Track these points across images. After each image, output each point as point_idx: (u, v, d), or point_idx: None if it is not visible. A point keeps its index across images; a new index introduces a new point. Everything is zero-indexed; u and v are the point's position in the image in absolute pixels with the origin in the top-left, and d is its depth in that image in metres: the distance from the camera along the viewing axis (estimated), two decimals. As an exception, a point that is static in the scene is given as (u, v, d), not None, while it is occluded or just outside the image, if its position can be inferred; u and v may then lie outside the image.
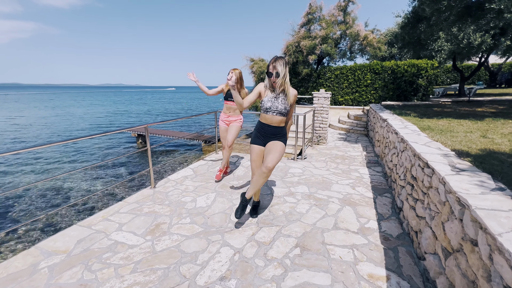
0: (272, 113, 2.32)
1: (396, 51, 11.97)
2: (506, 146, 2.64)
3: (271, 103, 2.30)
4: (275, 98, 2.31)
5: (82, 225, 2.53)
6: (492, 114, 5.14)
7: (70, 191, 8.04)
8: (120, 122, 25.38)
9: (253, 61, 11.21)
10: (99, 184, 8.74)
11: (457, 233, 1.46)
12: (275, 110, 2.31)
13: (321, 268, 1.93)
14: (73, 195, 7.83)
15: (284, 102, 2.30)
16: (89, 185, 8.56)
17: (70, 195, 7.79)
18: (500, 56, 13.83)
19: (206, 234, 2.38)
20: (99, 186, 8.51)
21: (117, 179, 9.33)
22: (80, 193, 7.94)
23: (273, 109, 2.30)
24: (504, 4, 3.59)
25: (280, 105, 2.29)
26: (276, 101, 2.30)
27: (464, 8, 4.44)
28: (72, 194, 7.86)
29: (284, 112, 2.32)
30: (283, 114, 2.33)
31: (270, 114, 2.34)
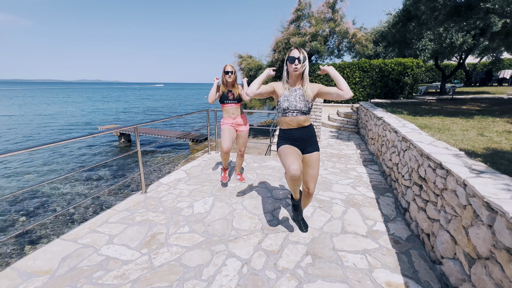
0: (291, 113, 2.03)
1: (381, 49, 12.22)
2: (506, 144, 2.67)
3: (288, 102, 2.02)
4: (292, 95, 2.02)
5: (66, 238, 2.26)
6: (478, 112, 5.31)
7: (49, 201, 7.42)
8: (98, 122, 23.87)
9: (242, 58, 10.98)
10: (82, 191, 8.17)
11: (486, 239, 1.39)
12: (293, 109, 2.01)
13: (337, 277, 1.81)
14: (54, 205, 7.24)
15: (303, 98, 2.00)
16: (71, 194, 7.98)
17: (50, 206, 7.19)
18: (476, 56, 14.56)
19: (208, 244, 2.19)
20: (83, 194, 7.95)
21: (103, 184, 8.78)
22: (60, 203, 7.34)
23: (291, 108, 2.01)
24: (498, 3, 3.67)
25: (299, 103, 2.00)
26: (293, 99, 2.01)
27: (453, 7, 4.53)
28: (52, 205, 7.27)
29: (305, 110, 2.02)
30: (305, 113, 2.04)
31: (289, 116, 2.04)
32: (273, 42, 9.79)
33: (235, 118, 3.26)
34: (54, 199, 7.51)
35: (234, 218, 2.62)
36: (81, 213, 6.64)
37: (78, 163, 10.95)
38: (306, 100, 2.02)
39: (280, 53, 9.53)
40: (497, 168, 1.87)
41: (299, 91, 2.04)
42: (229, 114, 3.25)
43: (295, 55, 1.95)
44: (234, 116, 3.26)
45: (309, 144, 2.13)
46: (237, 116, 3.27)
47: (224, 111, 3.27)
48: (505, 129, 3.44)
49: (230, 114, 3.25)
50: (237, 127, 3.30)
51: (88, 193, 7.97)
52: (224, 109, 3.25)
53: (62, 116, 27.68)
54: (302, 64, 1.97)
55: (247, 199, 3.05)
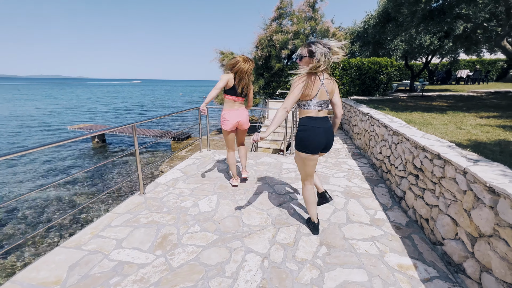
0: (316, 108, 2.02)
1: (356, 48, 12.86)
2: (483, 136, 3.00)
3: (310, 97, 1.99)
4: (313, 90, 1.98)
5: (68, 246, 2.10)
6: (448, 107, 5.86)
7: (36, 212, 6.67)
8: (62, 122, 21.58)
9: (223, 54, 10.83)
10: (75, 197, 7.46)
11: (489, 219, 1.58)
12: (317, 103, 2.01)
13: (354, 264, 1.93)
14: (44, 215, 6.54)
15: (323, 92, 2.00)
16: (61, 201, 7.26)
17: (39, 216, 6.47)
18: (438, 57, 15.92)
19: (223, 242, 2.19)
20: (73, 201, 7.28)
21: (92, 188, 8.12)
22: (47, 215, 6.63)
23: (315, 102, 2.00)
24: (472, 10, 4.10)
25: (324, 96, 2.01)
26: (320, 93, 1.99)
27: (429, 11, 4.94)
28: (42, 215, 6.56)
29: (328, 103, 2.08)
30: (328, 105, 2.09)
31: (313, 109, 2.03)
32: (256, 39, 9.81)
33: (238, 110, 3.09)
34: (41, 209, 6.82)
35: (243, 215, 2.63)
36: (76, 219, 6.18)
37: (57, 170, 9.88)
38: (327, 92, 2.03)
39: (263, 50, 9.60)
40: (485, 157, 2.11)
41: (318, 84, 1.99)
42: (232, 106, 3.08)
43: (302, 52, 1.98)
44: (237, 108, 3.10)
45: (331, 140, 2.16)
46: (240, 107, 3.12)
47: (228, 103, 3.10)
48: (476, 123, 3.85)
49: (233, 106, 3.08)
50: (239, 121, 3.12)
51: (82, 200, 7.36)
52: (227, 100, 3.09)
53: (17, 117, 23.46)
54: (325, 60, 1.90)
55: (251, 196, 3.07)
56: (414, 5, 4.56)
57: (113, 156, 11.70)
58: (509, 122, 3.85)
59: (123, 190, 7.96)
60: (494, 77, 19.47)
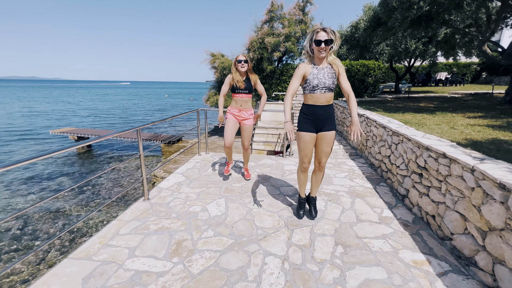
0: (320, 90, 2.11)
1: (343, 51, 13.24)
2: (476, 135, 3.19)
3: (318, 80, 2.10)
4: (320, 73, 2.10)
5: (77, 257, 2.00)
6: (435, 108, 6.16)
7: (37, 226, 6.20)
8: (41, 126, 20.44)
9: (214, 56, 10.77)
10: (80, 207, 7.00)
11: (500, 214, 1.68)
12: (322, 86, 2.10)
13: (371, 262, 1.98)
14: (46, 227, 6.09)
15: (331, 76, 2.11)
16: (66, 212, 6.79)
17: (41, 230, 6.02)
18: (419, 60, 16.71)
19: (240, 246, 2.17)
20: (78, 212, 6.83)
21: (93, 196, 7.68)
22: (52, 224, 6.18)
23: (321, 85, 2.10)
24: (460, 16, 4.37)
25: (328, 80, 2.10)
26: (322, 76, 2.10)
27: (417, 17, 5.20)
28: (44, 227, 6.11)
29: (332, 87, 2.13)
30: (332, 90, 2.15)
31: (318, 93, 2.12)
32: (248, 42, 9.84)
33: (241, 110, 3.22)
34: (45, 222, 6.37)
35: (254, 218, 2.62)
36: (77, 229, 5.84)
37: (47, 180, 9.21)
38: (334, 77, 2.14)
39: (255, 53, 9.64)
40: (486, 155, 2.24)
41: (327, 69, 2.13)
42: (237, 104, 3.21)
43: (322, 37, 2.00)
44: (241, 109, 3.21)
45: (328, 123, 2.27)
46: (244, 109, 3.22)
47: (234, 100, 3.23)
48: (466, 122, 4.09)
49: (238, 105, 3.21)
50: (241, 120, 3.27)
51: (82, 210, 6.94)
52: (234, 98, 3.20)
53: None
54: (329, 46, 2.03)
55: (258, 198, 3.07)
56: (406, 11, 4.79)
57: (105, 162, 11.26)
58: (495, 122, 4.11)
59: (124, 196, 7.66)
60: (469, 79, 20.70)
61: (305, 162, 2.38)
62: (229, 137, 3.22)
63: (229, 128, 3.23)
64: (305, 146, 2.30)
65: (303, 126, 2.28)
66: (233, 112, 3.24)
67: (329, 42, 2.02)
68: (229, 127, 3.23)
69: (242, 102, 3.19)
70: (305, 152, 2.33)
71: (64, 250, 5.07)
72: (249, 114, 3.29)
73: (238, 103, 3.20)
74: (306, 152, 2.32)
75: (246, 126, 3.29)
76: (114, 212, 6.65)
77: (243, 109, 3.22)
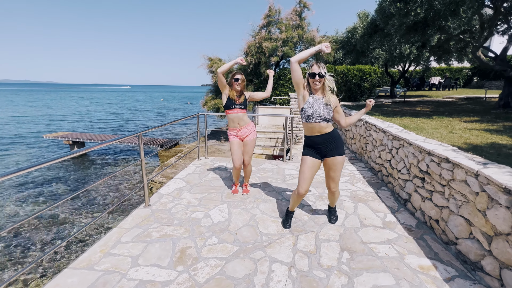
0: (314, 120, 2.19)
1: (339, 56, 13.42)
2: (475, 139, 3.24)
3: (312, 110, 2.18)
4: (316, 103, 2.20)
5: (79, 267, 1.94)
6: (432, 112, 6.26)
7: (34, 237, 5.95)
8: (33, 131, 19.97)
9: (212, 60, 10.78)
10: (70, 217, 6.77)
11: (506, 219, 1.69)
12: (317, 116, 2.18)
13: (378, 268, 1.97)
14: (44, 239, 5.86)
15: (325, 107, 2.19)
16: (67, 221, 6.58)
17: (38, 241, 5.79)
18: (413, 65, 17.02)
19: (245, 253, 2.14)
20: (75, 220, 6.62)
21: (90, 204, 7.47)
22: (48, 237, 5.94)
23: (316, 115, 2.18)
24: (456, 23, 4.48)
25: (323, 111, 2.18)
26: (317, 106, 2.18)
27: (413, 23, 5.31)
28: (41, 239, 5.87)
29: (328, 118, 2.20)
30: (327, 121, 2.21)
31: (312, 122, 2.21)
32: (245, 46, 9.89)
33: (240, 129, 3.07)
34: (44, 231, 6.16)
35: (258, 224, 2.59)
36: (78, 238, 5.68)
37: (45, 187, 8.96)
38: (329, 109, 2.21)
39: (252, 57, 9.69)
40: (488, 159, 2.27)
41: (322, 100, 2.23)
42: (234, 124, 3.05)
43: (315, 71, 2.16)
44: (240, 127, 3.06)
45: (331, 148, 2.29)
46: (242, 126, 3.07)
47: (229, 119, 3.06)
48: (464, 127, 4.15)
49: (236, 124, 3.05)
50: (244, 137, 3.12)
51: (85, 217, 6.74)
52: (229, 117, 3.04)
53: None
54: (323, 78, 2.18)
55: (261, 204, 3.05)
56: (403, 17, 4.89)
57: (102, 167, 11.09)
58: (491, 126, 4.18)
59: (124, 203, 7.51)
60: (461, 83, 21.14)
61: (302, 187, 2.29)
62: (237, 158, 3.07)
63: (235, 149, 3.08)
64: (306, 170, 2.29)
65: (306, 151, 2.35)
66: (233, 133, 3.10)
67: (323, 75, 2.14)
68: (235, 148, 3.08)
69: (238, 119, 3.04)
70: (304, 176, 2.29)
71: (64, 260, 4.94)
72: (250, 129, 3.13)
73: (235, 122, 3.04)
74: (305, 176, 2.29)
75: (247, 140, 3.12)
76: (114, 220, 6.52)
77: (242, 126, 3.08)
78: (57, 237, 5.97)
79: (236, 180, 3.32)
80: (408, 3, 4.98)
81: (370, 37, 7.67)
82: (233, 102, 3.00)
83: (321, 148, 2.28)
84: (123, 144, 12.45)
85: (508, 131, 3.74)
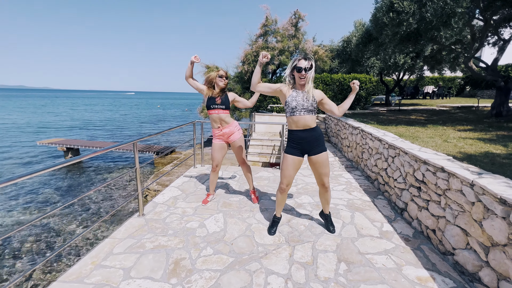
0: (298, 112, 2.18)
1: (335, 65, 13.64)
2: (469, 148, 3.27)
3: (296, 102, 2.17)
4: (299, 95, 2.19)
5: (68, 280, 1.88)
6: (426, 121, 6.34)
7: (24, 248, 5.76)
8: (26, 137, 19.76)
9: (209, 68, 10.87)
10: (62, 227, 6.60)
11: (502, 230, 1.69)
12: (301, 108, 2.17)
13: (376, 280, 1.94)
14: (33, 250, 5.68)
15: (309, 99, 2.17)
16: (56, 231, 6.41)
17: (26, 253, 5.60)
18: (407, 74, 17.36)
19: (241, 264, 2.09)
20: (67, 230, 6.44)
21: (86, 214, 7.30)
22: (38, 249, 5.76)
23: (299, 107, 2.17)
24: (449, 33, 4.61)
25: (306, 102, 2.17)
26: (301, 99, 2.17)
27: (407, 33, 5.44)
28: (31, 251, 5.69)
29: (311, 109, 2.19)
30: (311, 112, 2.20)
31: (297, 115, 2.19)
32: (242, 54, 10.01)
33: (222, 129, 2.99)
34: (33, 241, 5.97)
35: (254, 234, 2.55)
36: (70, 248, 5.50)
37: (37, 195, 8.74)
38: (313, 100, 2.20)
39: (249, 65, 9.80)
40: (483, 169, 2.29)
41: (305, 93, 2.22)
42: (216, 123, 2.98)
43: (302, 65, 2.13)
44: (221, 127, 2.99)
45: (316, 145, 2.31)
46: (224, 126, 2.99)
47: (211, 119, 2.98)
48: (458, 135, 4.20)
49: (217, 123, 2.97)
50: (227, 138, 3.06)
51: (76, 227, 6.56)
52: (211, 117, 2.96)
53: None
54: (309, 72, 2.15)
55: (257, 213, 3.01)
56: (396, 27, 5.01)
57: (95, 174, 10.93)
58: (485, 135, 4.24)
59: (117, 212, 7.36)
60: (454, 92, 21.57)
61: (284, 183, 2.38)
62: (215, 157, 3.04)
63: (215, 150, 3.06)
64: (287, 167, 2.33)
65: (288, 149, 2.35)
66: (216, 134, 3.03)
67: (309, 69, 2.13)
68: (215, 149, 3.06)
69: (220, 120, 2.96)
70: (285, 173, 2.34)
71: (54, 273, 4.79)
72: (233, 129, 3.04)
73: (217, 122, 2.97)
74: (286, 173, 2.34)
75: (234, 141, 3.05)
76: (107, 229, 6.37)
77: (223, 126, 3.00)
78: (48, 248, 5.81)
79: (211, 188, 3.25)
80: (400, 13, 5.12)
81: (365, 46, 7.84)
82: (214, 101, 2.92)
83: (303, 144, 2.28)
84: (118, 151, 12.33)
85: (501, 140, 3.79)
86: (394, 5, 5.00)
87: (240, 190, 3.70)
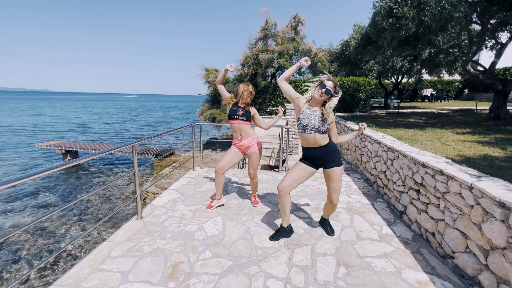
0: (309, 131, 2.21)
1: (334, 68, 13.71)
2: (468, 151, 3.27)
3: (308, 120, 2.20)
4: (312, 114, 2.21)
5: (65, 284, 1.86)
6: (425, 124, 6.36)
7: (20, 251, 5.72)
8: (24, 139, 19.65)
9: (208, 71, 10.90)
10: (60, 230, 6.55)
11: (501, 233, 1.68)
12: (312, 127, 2.19)
13: (375, 283, 1.93)
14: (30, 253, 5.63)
15: (321, 119, 2.20)
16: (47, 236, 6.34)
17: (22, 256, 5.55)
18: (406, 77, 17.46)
19: (240, 268, 2.08)
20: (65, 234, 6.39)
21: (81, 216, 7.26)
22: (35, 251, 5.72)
23: (310, 126, 2.19)
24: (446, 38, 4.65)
25: (318, 122, 2.19)
26: (313, 118, 2.19)
27: (405, 37, 5.48)
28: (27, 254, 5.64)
29: (323, 129, 2.21)
30: (322, 132, 2.22)
31: (307, 133, 2.22)
32: (242, 58, 10.06)
33: (242, 139, 3.01)
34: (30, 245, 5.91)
35: (253, 237, 2.54)
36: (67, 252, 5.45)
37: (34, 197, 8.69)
38: (325, 121, 2.22)
39: (249, 68, 9.83)
40: (482, 172, 2.29)
41: (319, 112, 2.23)
42: (236, 134, 3.03)
43: (329, 86, 2.14)
44: (241, 138, 3.01)
45: (329, 160, 2.33)
46: (244, 137, 3.01)
47: (232, 129, 3.06)
48: (456, 138, 4.21)
49: (237, 134, 3.02)
50: (245, 150, 3.07)
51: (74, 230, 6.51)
52: (232, 126, 3.04)
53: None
54: (330, 97, 2.16)
55: (256, 216, 3.00)
56: (395, 31, 5.05)
57: (94, 177, 10.89)
58: (483, 138, 4.25)
59: (115, 215, 7.31)
60: (453, 95, 21.69)
61: (282, 183, 2.31)
62: (222, 161, 3.03)
63: (227, 154, 3.08)
64: (292, 170, 2.36)
65: (302, 160, 2.41)
66: (235, 143, 3.09)
67: (330, 93, 2.13)
68: (229, 152, 3.08)
69: (240, 130, 2.99)
70: (287, 174, 2.35)
71: (51, 277, 4.75)
72: (251, 141, 3.04)
73: (237, 132, 3.01)
74: (288, 175, 2.34)
75: (250, 153, 3.05)
76: (105, 233, 6.33)
77: (243, 137, 3.02)
78: (45, 251, 5.76)
79: (218, 192, 3.13)
80: (400, 19, 5.17)
81: (364, 48, 7.90)
82: (236, 112, 2.97)
83: (314, 160, 2.33)
84: (116, 154, 12.30)
85: (499, 143, 3.80)
86: (393, 10, 5.06)
87: (239, 193, 3.69)
